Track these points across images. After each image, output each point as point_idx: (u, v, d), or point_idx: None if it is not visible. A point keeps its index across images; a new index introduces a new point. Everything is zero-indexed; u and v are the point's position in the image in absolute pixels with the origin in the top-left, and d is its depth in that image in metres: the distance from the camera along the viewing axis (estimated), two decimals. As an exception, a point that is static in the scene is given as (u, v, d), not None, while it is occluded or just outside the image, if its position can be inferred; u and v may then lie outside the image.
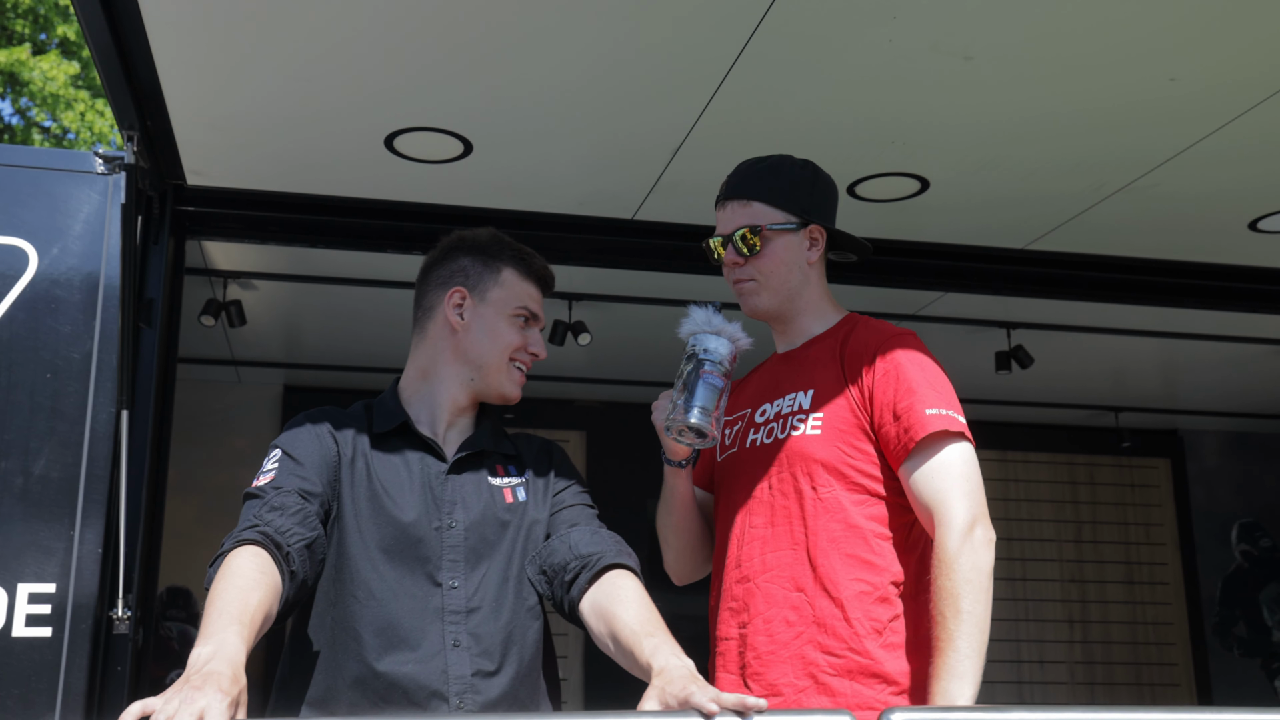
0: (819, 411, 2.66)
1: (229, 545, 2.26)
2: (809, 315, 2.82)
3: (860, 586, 2.54)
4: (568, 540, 2.53)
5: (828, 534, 2.58)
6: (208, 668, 1.85)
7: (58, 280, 3.71)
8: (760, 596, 2.63)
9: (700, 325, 2.66)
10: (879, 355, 2.63)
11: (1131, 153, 4.06)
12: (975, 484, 2.53)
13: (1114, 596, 8.24)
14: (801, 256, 2.77)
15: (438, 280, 2.70)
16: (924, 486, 2.52)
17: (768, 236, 2.74)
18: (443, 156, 4.03)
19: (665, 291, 5.36)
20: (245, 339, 6.19)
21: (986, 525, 2.49)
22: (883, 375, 2.60)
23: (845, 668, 2.50)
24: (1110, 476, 8.37)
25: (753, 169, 2.83)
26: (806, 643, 2.54)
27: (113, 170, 3.81)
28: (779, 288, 2.78)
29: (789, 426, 2.69)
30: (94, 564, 3.56)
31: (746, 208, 2.77)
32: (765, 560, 2.64)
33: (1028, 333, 6.04)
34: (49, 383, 3.64)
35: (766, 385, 2.84)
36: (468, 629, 2.43)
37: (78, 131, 15.29)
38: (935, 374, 2.62)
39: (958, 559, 2.41)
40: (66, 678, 3.48)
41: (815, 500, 2.60)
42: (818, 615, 2.54)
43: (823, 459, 2.62)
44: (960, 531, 2.44)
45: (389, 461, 2.54)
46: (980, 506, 2.50)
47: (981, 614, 2.39)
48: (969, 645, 2.35)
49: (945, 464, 2.52)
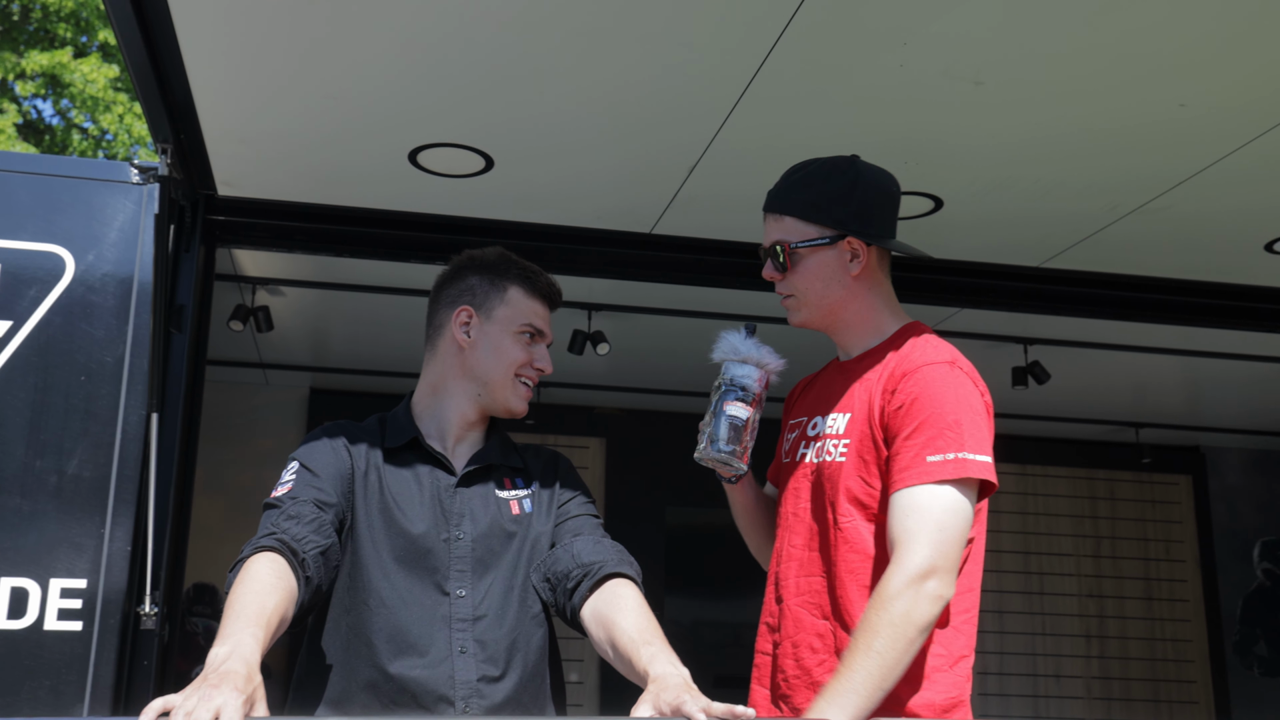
0: (848, 438, 2.60)
1: (248, 552, 2.36)
2: (860, 328, 2.74)
3: None
4: (571, 549, 2.61)
5: (847, 565, 2.53)
6: (224, 667, 1.95)
7: (93, 286, 3.79)
8: (791, 620, 2.63)
9: (727, 353, 2.68)
10: (902, 388, 2.53)
11: (1143, 175, 4.09)
12: (950, 535, 2.39)
13: (1133, 612, 8.23)
14: (840, 271, 2.68)
15: (447, 299, 2.79)
16: (897, 522, 2.42)
17: (799, 254, 2.68)
18: (465, 171, 4.12)
19: (683, 303, 5.44)
20: (272, 343, 6.29)
21: (944, 580, 2.36)
22: (898, 409, 2.50)
23: None
24: (1130, 492, 8.36)
25: (789, 179, 2.76)
26: (828, 671, 2.50)
27: (147, 180, 3.90)
28: (817, 303, 2.71)
29: (826, 450, 2.64)
30: (123, 561, 3.64)
31: (780, 222, 2.71)
32: (799, 584, 2.63)
33: (1045, 349, 6.07)
34: (83, 385, 3.72)
35: (823, 397, 2.78)
36: (474, 636, 2.52)
37: (116, 134, 15.46)
38: (956, 411, 2.48)
39: (894, 600, 2.32)
40: (95, 670, 3.56)
41: (837, 531, 2.56)
42: (839, 645, 2.51)
43: (846, 487, 2.57)
44: (910, 576, 2.33)
45: (400, 475, 2.64)
46: (945, 559, 2.36)
47: (892, 661, 2.29)
48: (862, 682, 2.28)
49: (926, 505, 2.41)
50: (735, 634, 6.79)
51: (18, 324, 3.74)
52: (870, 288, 2.73)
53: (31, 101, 15.93)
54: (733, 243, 4.63)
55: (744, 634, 6.82)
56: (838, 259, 2.67)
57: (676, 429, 4.90)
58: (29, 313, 3.75)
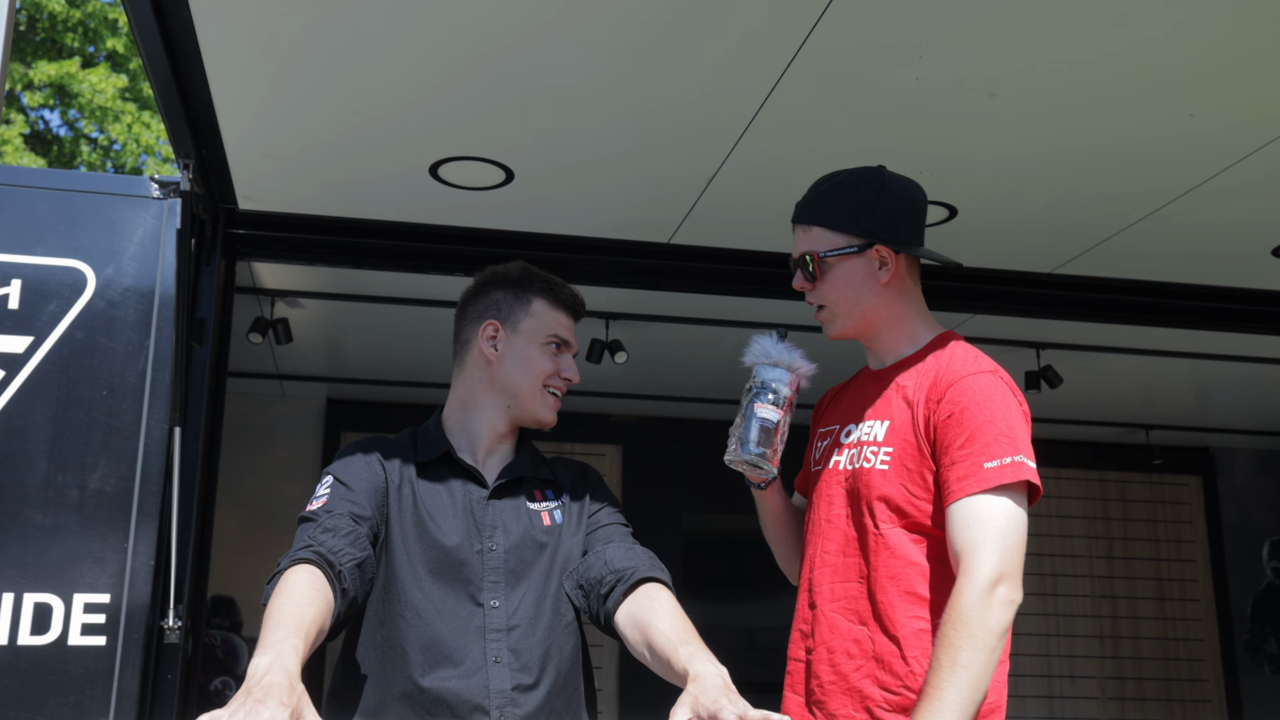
0: (889, 446, 2.60)
1: (285, 564, 2.37)
2: (893, 335, 2.73)
3: (918, 625, 2.51)
4: (603, 556, 2.64)
5: (887, 570, 2.55)
6: (267, 679, 1.94)
7: (113, 300, 3.82)
8: (826, 625, 2.63)
9: (758, 357, 2.69)
10: (949, 397, 2.53)
11: (1153, 184, 4.13)
12: (1013, 540, 2.42)
13: (1145, 612, 8.27)
14: (869, 279, 2.67)
15: (473, 315, 2.81)
16: (959, 533, 2.44)
17: (828, 263, 2.68)
18: (485, 184, 4.15)
19: (700, 312, 5.47)
20: (290, 354, 6.31)
21: (1012, 585, 2.40)
22: (947, 418, 2.51)
23: (900, 704, 2.49)
24: (1141, 493, 8.40)
25: (816, 190, 2.76)
26: (865, 677, 2.53)
27: (168, 195, 3.92)
28: (849, 313, 2.71)
29: (863, 457, 2.64)
30: (146, 575, 3.66)
31: (808, 233, 2.72)
32: (834, 590, 2.63)
33: (1057, 353, 6.11)
34: (105, 399, 3.74)
35: (855, 404, 2.78)
36: (508, 645, 2.54)
37: (124, 143, 15.49)
38: (1005, 418, 2.50)
39: (970, 612, 2.35)
40: (120, 685, 3.57)
41: (876, 536, 2.57)
42: (877, 650, 2.53)
43: (886, 494, 2.57)
44: (981, 586, 2.36)
45: (433, 489, 2.66)
46: (1011, 565, 2.40)
47: (978, 672, 2.32)
48: (955, 699, 2.30)
49: (986, 515, 2.43)
50: (750, 638, 6.84)
51: (39, 339, 3.75)
52: (901, 295, 2.73)
53: (39, 112, 15.95)
54: (750, 252, 4.66)
55: (759, 638, 6.87)
56: (866, 267, 2.68)
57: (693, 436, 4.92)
58: (50, 328, 3.77)
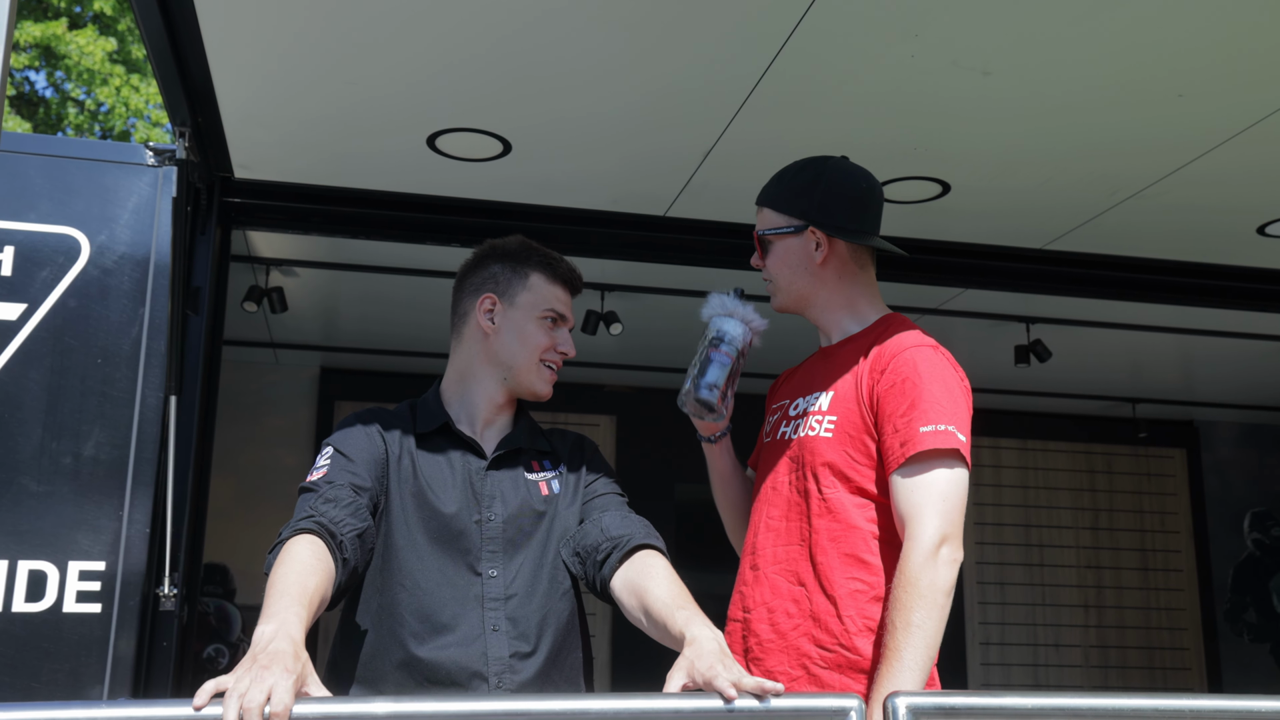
0: (833, 414, 2.72)
1: (287, 534, 2.40)
2: (836, 314, 2.88)
3: (855, 585, 2.61)
4: (600, 523, 2.67)
5: (829, 533, 2.66)
6: (272, 646, 1.97)
7: (107, 268, 3.81)
8: (766, 586, 2.73)
9: (716, 309, 2.85)
10: (891, 367, 2.65)
11: (1142, 162, 4.16)
12: (953, 504, 2.54)
13: (1129, 583, 8.34)
14: (806, 259, 2.84)
15: (470, 288, 2.83)
16: (904, 499, 2.56)
17: (769, 241, 2.87)
18: (482, 155, 4.15)
19: (693, 284, 5.48)
20: (284, 322, 6.33)
21: (954, 545, 2.51)
22: (890, 387, 2.63)
23: (835, 661, 2.59)
24: (1127, 466, 8.46)
25: (772, 176, 2.95)
26: (802, 635, 2.64)
27: (163, 163, 3.91)
28: (787, 289, 2.88)
29: (808, 425, 2.76)
30: (142, 543, 3.67)
31: (761, 213, 2.91)
32: (775, 553, 2.74)
33: (1046, 327, 6.14)
34: (99, 368, 3.74)
35: (804, 380, 2.92)
36: (506, 614, 2.58)
37: (113, 106, 15.38)
38: (944, 390, 2.62)
39: (919, 574, 2.45)
40: (115, 652, 3.59)
41: (820, 500, 2.68)
42: (814, 610, 2.63)
43: (829, 460, 2.69)
44: (926, 548, 2.47)
45: (433, 459, 2.69)
46: (952, 526, 2.52)
47: (932, 630, 2.43)
48: (914, 658, 2.40)
49: (928, 481, 2.55)
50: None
51: (33, 307, 3.75)
52: (840, 276, 2.87)
53: (25, 74, 15.83)
54: (745, 226, 4.62)
55: (747, 607, 6.89)
56: (802, 247, 2.84)
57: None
58: (44, 295, 3.76)
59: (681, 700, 2.06)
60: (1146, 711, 2.04)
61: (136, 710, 1.95)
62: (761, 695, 2.01)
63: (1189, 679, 8.20)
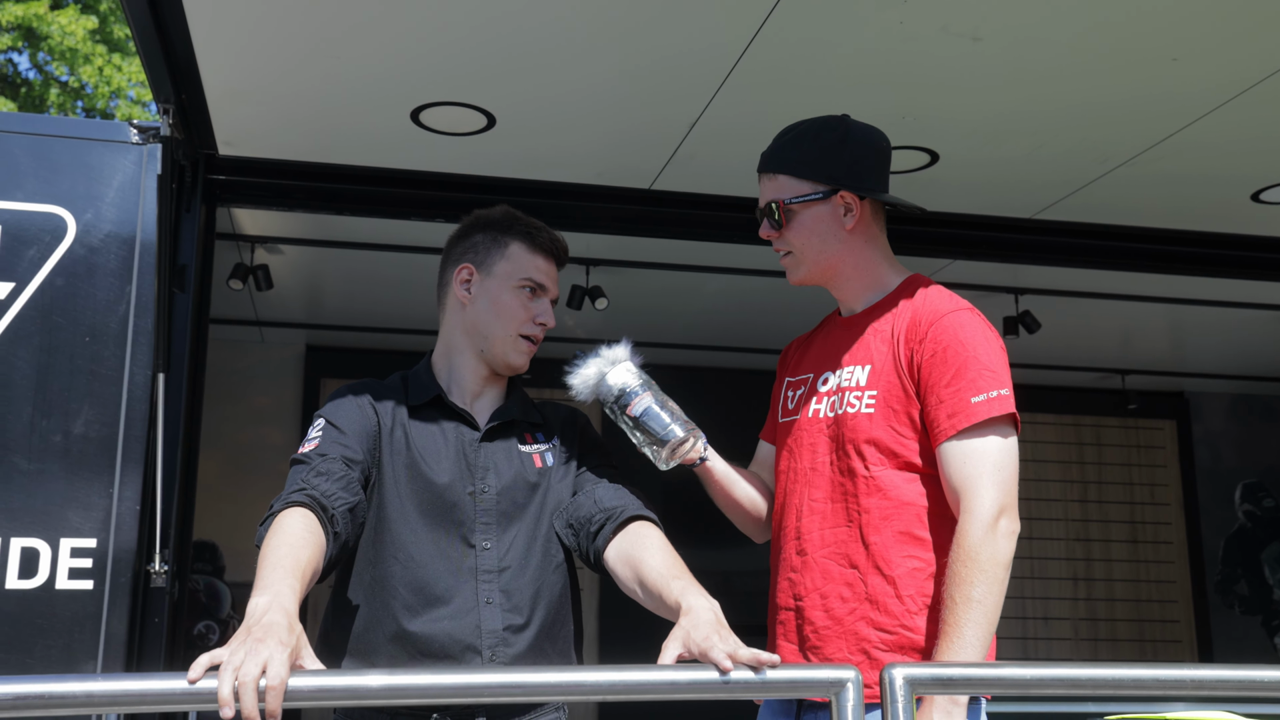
0: (873, 389, 2.65)
1: (278, 507, 2.40)
2: (861, 281, 2.80)
3: (912, 564, 2.57)
4: (593, 495, 2.69)
5: (880, 512, 2.60)
6: (266, 618, 1.98)
7: (94, 247, 3.83)
8: (817, 571, 2.66)
9: (590, 378, 2.81)
10: (932, 335, 2.59)
11: (1134, 129, 4.16)
12: (1008, 473, 2.51)
13: (1118, 555, 8.36)
14: (835, 225, 2.74)
15: (452, 258, 2.84)
16: (956, 470, 2.52)
17: (792, 210, 2.74)
18: (467, 129, 4.15)
19: (680, 258, 5.49)
20: (269, 300, 6.32)
21: (1012, 517, 2.48)
22: (931, 355, 2.57)
23: (897, 643, 2.54)
24: (1117, 438, 8.47)
25: (781, 139, 2.81)
26: (860, 619, 2.58)
27: (147, 141, 3.92)
28: (815, 259, 2.77)
29: (846, 402, 2.68)
30: (132, 519, 3.70)
31: (774, 181, 2.77)
32: (823, 536, 2.67)
33: (1035, 298, 6.15)
34: (87, 346, 3.77)
35: (829, 351, 2.83)
36: (499, 586, 2.59)
37: (96, 86, 15.33)
38: (988, 354, 2.57)
39: (979, 548, 2.42)
40: (107, 628, 3.62)
41: (868, 479, 2.62)
42: (870, 592, 2.57)
43: (874, 437, 2.62)
44: (985, 521, 2.44)
45: (426, 430, 2.69)
46: (1009, 497, 2.49)
47: (992, 604, 2.40)
48: (974, 634, 2.37)
49: (980, 450, 2.51)
50: (727, 581, 6.89)
51: (20, 285, 3.77)
52: (867, 241, 2.79)
53: (7, 55, 15.75)
54: (731, 198, 4.68)
55: (736, 581, 6.92)
56: (832, 214, 2.74)
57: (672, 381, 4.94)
58: (31, 274, 3.78)
59: (677, 672, 2.06)
60: (1147, 681, 2.02)
61: (133, 683, 1.96)
62: (758, 666, 2.01)
63: (1180, 651, 8.24)
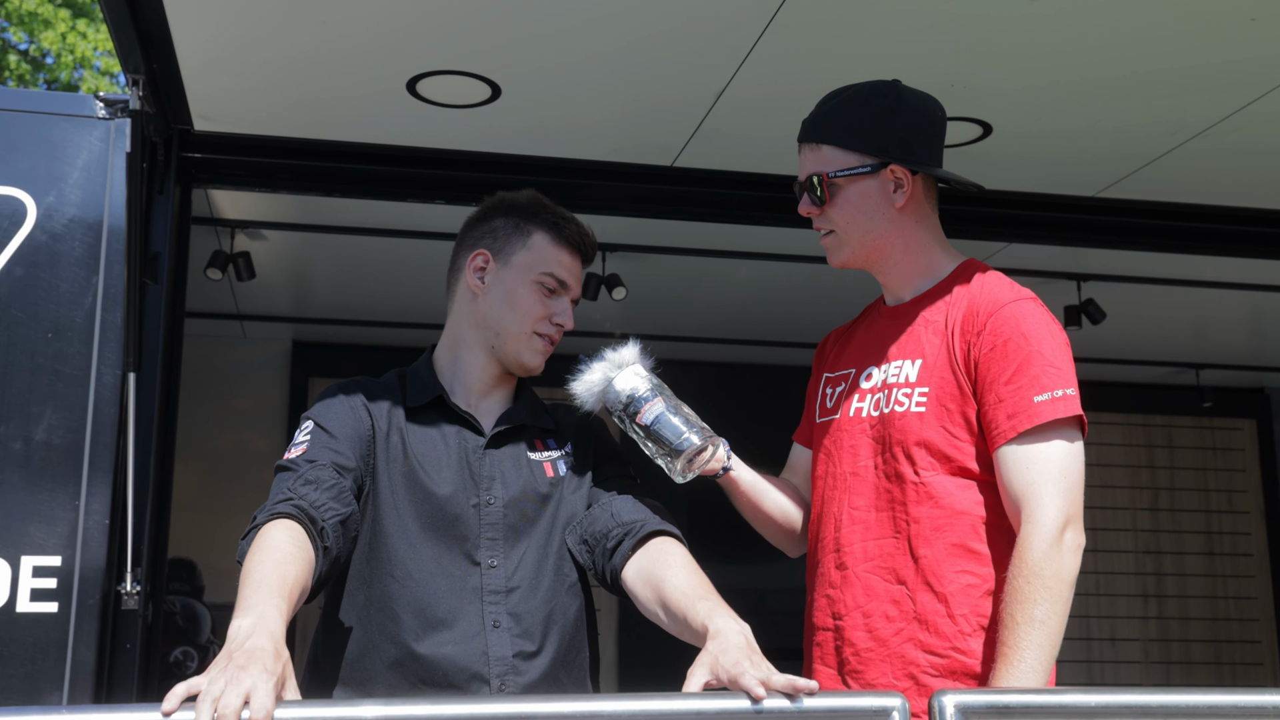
0: (924, 386, 2.63)
1: (262, 519, 2.39)
2: (910, 266, 2.78)
3: (966, 580, 2.55)
4: (609, 508, 2.67)
5: (931, 522, 2.58)
6: (250, 643, 1.96)
7: (57, 233, 3.80)
8: (859, 587, 2.64)
9: (595, 383, 2.74)
10: (990, 327, 2.57)
11: (1209, 96, 4.11)
12: (1074, 481, 2.50)
13: (1193, 569, 8.32)
14: (883, 202, 2.71)
15: (467, 242, 2.83)
16: (1016, 477, 2.50)
17: (838, 185, 2.70)
18: (468, 101, 4.13)
19: (706, 242, 5.47)
20: (251, 291, 6.31)
21: (1078, 529, 2.47)
22: (990, 350, 2.56)
23: (948, 668, 2.53)
24: (1190, 439, 8.43)
25: (825, 105, 2.79)
26: (907, 641, 2.57)
27: (115, 115, 3.91)
28: (860, 239, 2.74)
29: (893, 400, 2.66)
30: (101, 535, 3.67)
31: (816, 152, 2.74)
32: (866, 548, 2.65)
33: (1099, 285, 6.12)
34: (50, 343, 3.74)
35: (873, 344, 2.81)
36: (507, 609, 2.57)
37: (58, 54, 15.37)
38: (1052, 348, 2.55)
39: (1042, 563, 2.40)
40: (74, 655, 3.59)
41: (917, 485, 2.60)
42: (919, 611, 2.56)
43: (925, 439, 2.60)
44: (1049, 533, 2.43)
45: (425, 435, 2.68)
46: (1075, 507, 2.48)
47: (1055, 625, 2.38)
48: (1035, 657, 2.36)
49: (1044, 455, 2.49)
50: (760, 600, 6.87)
51: (-27, 276, 3.75)
52: (917, 221, 2.76)
53: (-40, 21, 15.83)
54: (763, 175, 4.65)
55: (770, 600, 6.90)
56: (880, 189, 2.71)
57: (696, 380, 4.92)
58: (-14, 263, 3.77)
59: (704, 700, 2.05)
60: (1224, 708, 2.00)
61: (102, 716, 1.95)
62: (794, 694, 1.99)
63: (1261, 675, 8.20)
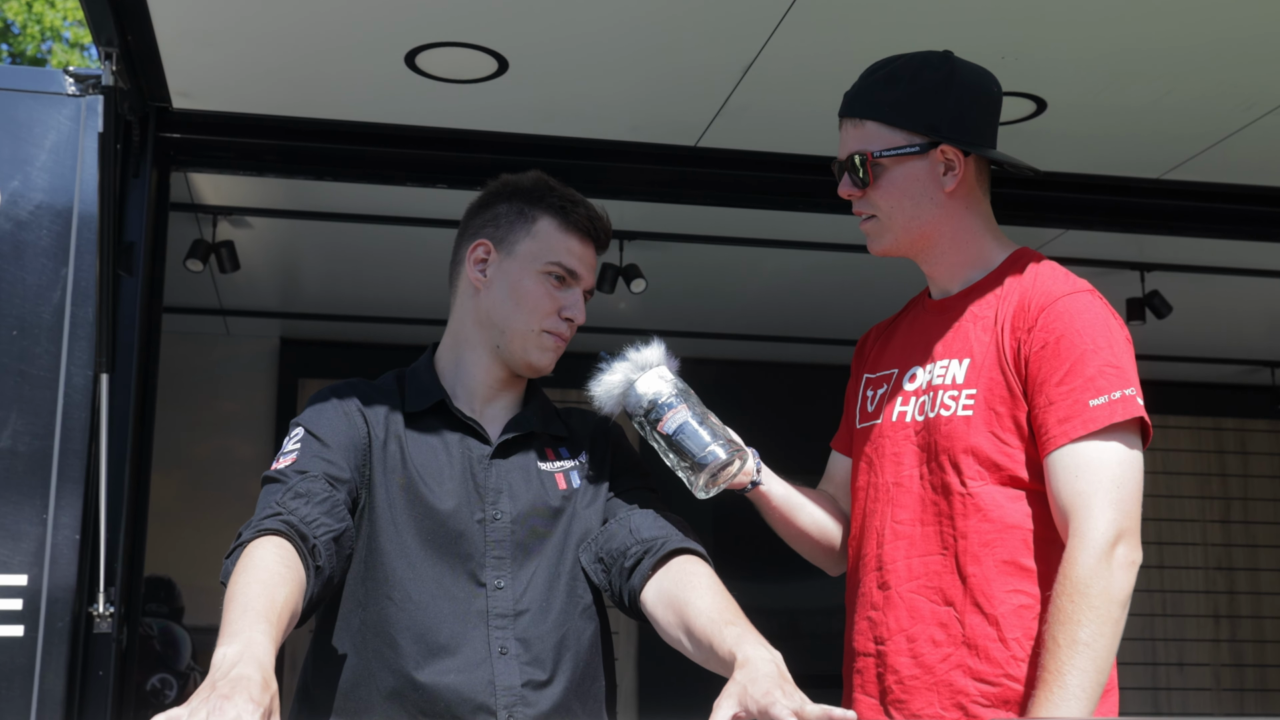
0: (971, 388, 2.61)
1: (249, 535, 2.38)
2: (959, 255, 2.76)
3: (1019, 600, 2.54)
4: (628, 524, 2.66)
5: (980, 538, 2.56)
6: (235, 671, 1.95)
7: (22, 221, 3.82)
8: (903, 609, 2.64)
9: (614, 385, 2.70)
10: (1042, 322, 2.55)
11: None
12: (1129, 491, 2.47)
13: (1269, 586, 8.31)
14: (932, 186, 2.69)
15: (469, 231, 2.82)
16: (1065, 486, 2.48)
17: (883, 165, 2.68)
18: (473, 76, 4.14)
19: (732, 229, 5.48)
20: (235, 284, 6.32)
21: (1132, 544, 2.44)
22: (1042, 347, 2.54)
23: (1000, 696, 2.52)
24: (1265, 444, 8.43)
25: (870, 78, 2.75)
26: (955, 667, 2.55)
27: (86, 92, 3.92)
28: (905, 226, 2.72)
29: (940, 403, 2.65)
30: (71, 552, 3.69)
31: (859, 128, 2.71)
32: (910, 566, 2.64)
33: (1165, 276, 6.13)
34: (14, 341, 3.76)
35: (917, 342, 2.80)
36: (515, 634, 2.57)
37: (24, 25, 15.42)
38: (1110, 346, 2.52)
39: (1089, 580, 2.38)
40: (41, 683, 3.61)
41: (965, 497, 2.58)
42: (969, 635, 2.55)
43: (973, 446, 2.59)
44: (1098, 548, 2.40)
45: (425, 443, 2.68)
46: (1129, 520, 2.45)
47: (1103, 649, 2.36)
48: (1079, 683, 2.34)
49: (1097, 462, 2.47)
50: (793, 622, 6.88)
51: (-69, 269, 3.77)
52: (968, 207, 2.74)
53: (-84, -11, 15.87)
54: (794, 156, 4.66)
55: (804, 622, 6.91)
56: (929, 171, 2.69)
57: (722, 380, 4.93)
58: (-55, 256, 3.78)
59: None
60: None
61: (72, 750, 1.96)
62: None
63: (1344, 704, 8.20)
